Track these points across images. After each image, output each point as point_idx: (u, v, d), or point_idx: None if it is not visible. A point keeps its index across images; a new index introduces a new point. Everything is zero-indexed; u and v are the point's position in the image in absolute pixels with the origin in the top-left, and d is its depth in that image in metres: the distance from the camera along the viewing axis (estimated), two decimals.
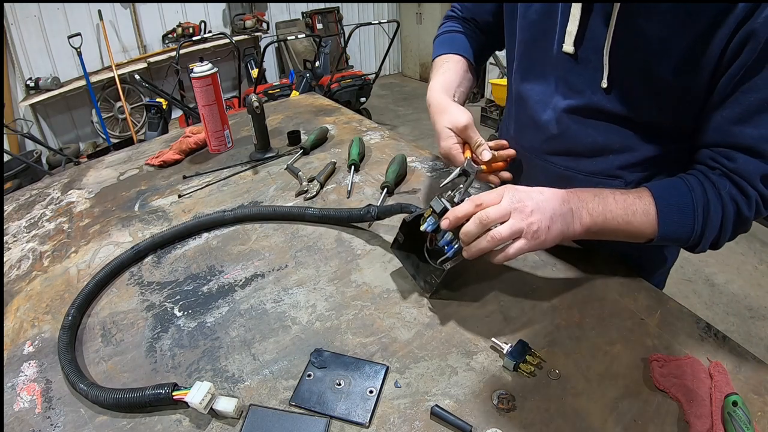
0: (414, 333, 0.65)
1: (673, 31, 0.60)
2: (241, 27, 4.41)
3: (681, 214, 0.64)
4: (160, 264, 0.82)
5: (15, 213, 1.02)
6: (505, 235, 0.59)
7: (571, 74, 0.73)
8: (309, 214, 0.88)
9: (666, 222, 0.64)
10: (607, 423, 0.53)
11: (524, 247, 0.61)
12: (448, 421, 0.53)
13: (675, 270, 2.58)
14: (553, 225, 0.62)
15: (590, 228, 0.64)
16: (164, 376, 0.61)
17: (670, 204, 0.64)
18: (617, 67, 0.67)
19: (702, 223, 0.63)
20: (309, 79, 3.95)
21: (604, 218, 0.64)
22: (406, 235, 0.74)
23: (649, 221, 0.64)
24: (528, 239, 0.61)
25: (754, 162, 0.61)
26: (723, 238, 0.65)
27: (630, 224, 0.64)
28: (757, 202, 0.62)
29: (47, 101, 3.64)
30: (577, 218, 0.64)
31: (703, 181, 0.64)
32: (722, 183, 0.63)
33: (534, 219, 0.61)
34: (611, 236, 0.67)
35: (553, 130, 0.78)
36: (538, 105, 0.79)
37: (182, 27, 4.10)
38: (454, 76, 0.89)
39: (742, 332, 2.06)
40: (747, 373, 0.58)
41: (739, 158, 0.62)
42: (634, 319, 0.66)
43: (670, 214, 0.64)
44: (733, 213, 0.63)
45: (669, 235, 0.64)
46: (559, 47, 0.72)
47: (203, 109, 1.14)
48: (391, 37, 3.88)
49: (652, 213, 0.64)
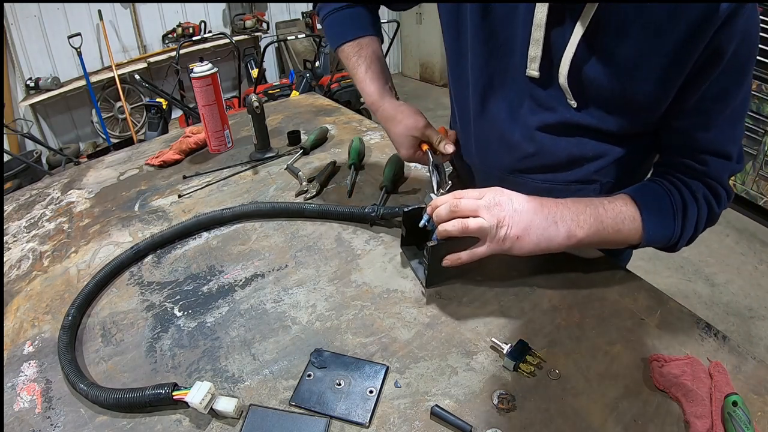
0: (414, 333, 0.65)
1: (643, 51, 0.60)
2: (241, 27, 4.40)
3: (663, 218, 0.66)
4: (160, 264, 0.82)
5: (15, 213, 1.02)
6: (472, 227, 0.61)
7: (538, 92, 0.70)
8: (309, 210, 0.89)
9: (650, 227, 0.65)
10: (607, 423, 0.53)
11: (484, 251, 0.63)
12: (448, 421, 0.53)
13: (675, 270, 2.58)
14: (526, 236, 0.61)
15: (582, 240, 0.64)
16: (164, 376, 0.61)
17: (652, 211, 0.66)
18: (587, 87, 0.66)
19: (681, 226, 0.66)
20: (309, 79, 3.94)
21: (596, 229, 0.64)
22: (413, 234, 0.76)
23: (635, 228, 0.65)
24: (490, 243, 0.62)
25: (722, 163, 0.66)
26: (695, 236, 0.68)
27: (620, 232, 0.65)
28: (725, 199, 0.68)
29: (47, 101, 3.63)
30: (564, 232, 0.63)
31: (679, 185, 0.67)
32: (696, 186, 0.67)
33: (504, 224, 0.61)
34: (599, 245, 0.69)
35: (528, 149, 0.75)
36: (505, 123, 0.75)
37: (182, 27, 4.09)
38: (378, 68, 0.83)
39: (742, 332, 2.05)
40: (747, 373, 0.58)
41: (709, 161, 0.66)
42: (634, 319, 0.66)
43: (654, 221, 0.65)
44: (706, 212, 0.67)
45: (653, 239, 0.67)
46: (522, 70, 0.69)
47: (203, 109, 1.14)
48: (391, 37, 3.87)
49: (638, 219, 0.65)
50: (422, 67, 5.64)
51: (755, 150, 2.59)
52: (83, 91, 3.71)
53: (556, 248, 0.64)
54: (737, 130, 0.65)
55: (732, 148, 0.65)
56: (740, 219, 2.78)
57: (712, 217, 0.68)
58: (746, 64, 0.60)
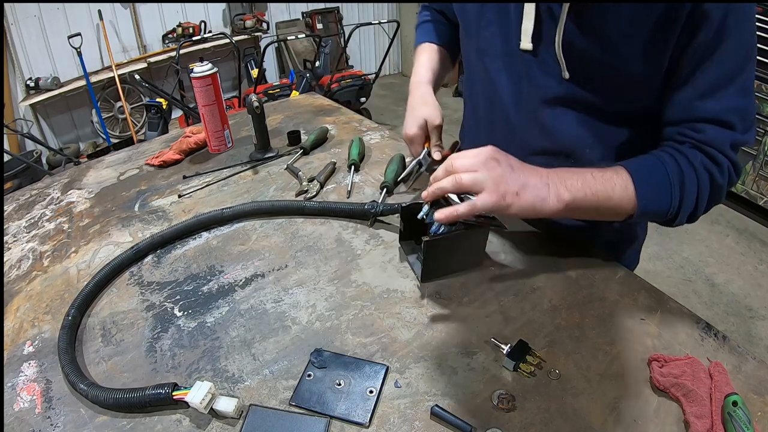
0: (414, 333, 0.65)
1: (632, 20, 0.61)
2: (241, 27, 4.40)
3: (658, 187, 0.64)
4: (160, 264, 0.82)
5: (15, 213, 1.02)
6: (465, 181, 0.59)
7: (533, 68, 0.73)
8: (309, 208, 0.90)
9: (645, 196, 0.63)
10: (607, 423, 0.53)
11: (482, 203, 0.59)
12: (448, 421, 0.53)
13: (675, 270, 2.58)
14: (524, 193, 0.60)
15: (570, 204, 0.63)
16: (164, 376, 0.61)
17: (646, 179, 0.64)
18: (577, 60, 0.67)
19: (679, 196, 0.64)
20: (309, 79, 3.94)
21: (584, 194, 0.63)
22: (411, 229, 0.77)
23: (628, 196, 0.64)
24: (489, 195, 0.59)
25: (722, 131, 0.63)
26: (699, 209, 0.66)
27: (610, 199, 0.64)
28: (728, 169, 0.64)
29: (47, 101, 3.63)
30: (553, 194, 0.62)
31: (675, 154, 0.65)
32: (693, 154, 0.64)
33: (503, 180, 0.60)
34: (592, 213, 0.67)
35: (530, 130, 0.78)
36: (509, 106, 0.79)
37: (182, 27, 4.09)
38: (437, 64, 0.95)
39: (742, 332, 2.05)
40: (747, 373, 0.58)
41: (707, 129, 0.63)
42: (634, 319, 0.66)
43: (648, 188, 0.64)
44: (707, 183, 0.64)
45: (649, 209, 0.64)
46: (517, 44, 0.72)
47: (203, 109, 1.14)
48: (391, 37, 3.87)
49: (630, 188, 0.64)
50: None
51: (755, 150, 2.59)
52: (83, 91, 3.71)
53: (549, 211, 0.62)
54: (741, 101, 0.62)
55: (734, 118, 0.62)
56: (740, 219, 2.79)
57: (715, 190, 0.65)
58: (740, 33, 0.58)
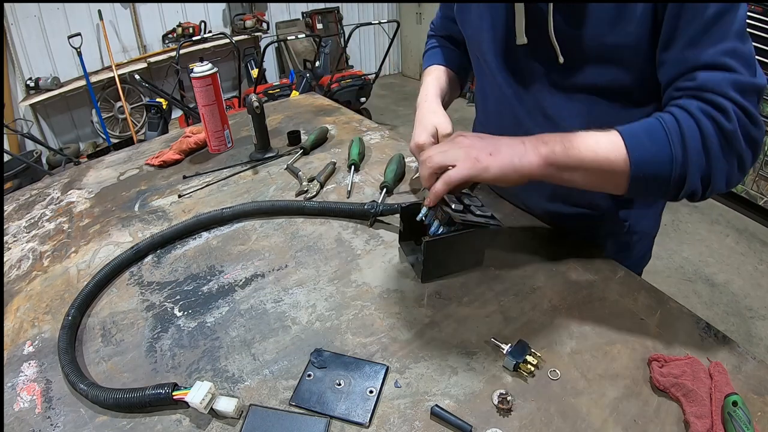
0: (414, 333, 0.65)
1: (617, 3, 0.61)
2: (241, 27, 4.41)
3: (651, 136, 0.58)
4: (160, 264, 0.82)
5: (15, 213, 1.02)
6: (437, 159, 0.62)
7: (531, 61, 0.74)
8: (309, 207, 0.90)
9: (636, 144, 0.58)
10: (607, 423, 0.53)
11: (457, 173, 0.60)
12: (448, 421, 0.53)
13: (675, 270, 2.58)
14: (497, 153, 0.60)
15: (549, 158, 0.60)
16: (164, 376, 0.61)
17: (636, 131, 0.59)
18: (570, 44, 0.67)
19: (680, 145, 0.57)
20: (309, 79, 3.94)
21: (563, 146, 0.60)
22: (411, 230, 0.77)
23: (615, 147, 0.59)
24: (463, 163, 0.60)
25: (719, 74, 0.57)
26: (715, 169, 0.57)
27: (596, 153, 0.59)
28: (736, 113, 0.56)
29: (47, 101, 3.63)
30: (531, 148, 0.60)
31: (669, 108, 0.60)
32: (689, 102, 0.58)
33: (474, 146, 0.61)
34: (581, 173, 0.61)
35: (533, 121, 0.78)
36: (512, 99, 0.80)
37: (182, 27, 4.10)
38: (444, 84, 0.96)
39: (742, 332, 2.05)
40: (747, 373, 0.58)
41: (700, 75, 0.58)
42: (634, 319, 0.66)
43: (639, 138, 0.59)
44: (713, 130, 0.56)
45: (644, 161, 0.58)
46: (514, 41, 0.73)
47: (203, 109, 1.14)
48: (391, 37, 3.87)
49: (617, 140, 0.59)
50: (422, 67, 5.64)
51: None
52: (83, 91, 3.71)
53: (528, 168, 0.60)
54: (735, 44, 0.57)
55: (730, 60, 0.56)
56: (740, 219, 2.79)
57: (726, 136, 0.56)
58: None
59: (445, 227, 0.70)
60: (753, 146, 0.58)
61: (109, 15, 3.82)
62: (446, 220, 0.69)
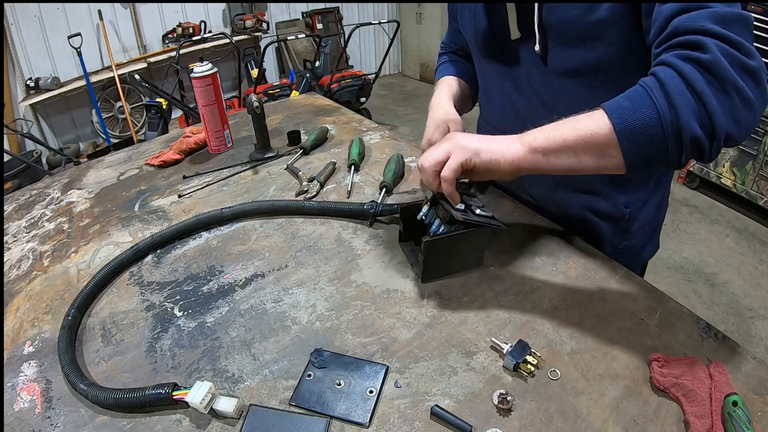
0: (414, 333, 0.65)
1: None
2: (241, 27, 4.41)
3: (631, 98, 0.56)
4: (160, 264, 0.82)
5: (15, 213, 1.02)
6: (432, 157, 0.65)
7: (526, 52, 0.78)
8: (308, 207, 0.90)
9: (617, 110, 0.56)
10: (607, 423, 0.53)
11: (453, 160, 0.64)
12: (448, 421, 0.53)
13: (675, 270, 2.57)
14: (487, 140, 0.65)
15: (533, 145, 0.62)
16: (164, 376, 0.61)
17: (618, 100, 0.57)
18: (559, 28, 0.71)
19: (662, 94, 0.53)
20: (309, 79, 3.94)
21: (544, 132, 0.62)
22: (411, 230, 0.78)
23: (598, 120, 0.57)
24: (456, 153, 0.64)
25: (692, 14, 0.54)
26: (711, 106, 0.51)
27: (577, 129, 0.58)
28: (715, 44, 0.52)
29: (47, 101, 3.63)
30: (516, 140, 0.64)
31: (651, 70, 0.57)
32: (665, 56, 0.55)
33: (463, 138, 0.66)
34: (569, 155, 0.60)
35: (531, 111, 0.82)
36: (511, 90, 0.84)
37: (182, 27, 4.10)
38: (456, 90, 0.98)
39: (742, 332, 2.05)
40: (747, 373, 0.58)
41: (675, 21, 0.56)
42: (634, 319, 0.66)
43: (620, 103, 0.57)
44: (692, 68, 0.52)
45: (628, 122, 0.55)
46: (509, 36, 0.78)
47: (203, 109, 1.14)
48: (391, 37, 3.87)
49: (599, 113, 0.57)
50: (422, 67, 5.63)
51: (755, 150, 2.59)
52: (83, 91, 3.71)
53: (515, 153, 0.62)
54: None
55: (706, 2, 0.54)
56: (740, 219, 2.79)
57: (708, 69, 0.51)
58: None
59: (446, 226, 0.70)
60: (753, 77, 0.52)
61: (109, 15, 3.82)
62: (447, 218, 0.69)
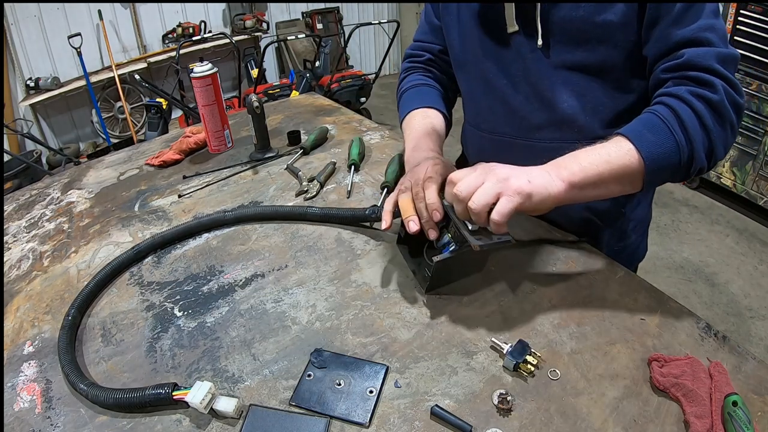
0: (414, 333, 0.65)
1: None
2: (241, 27, 4.41)
3: (654, 131, 0.62)
4: (160, 264, 0.82)
5: (15, 213, 1.02)
6: (480, 197, 0.57)
7: (524, 46, 0.76)
8: (311, 213, 0.89)
9: (643, 143, 0.61)
10: (607, 423, 0.53)
11: (508, 204, 0.57)
12: (448, 421, 0.53)
13: (675, 270, 2.57)
14: (534, 179, 0.60)
15: (572, 181, 0.62)
16: (164, 376, 0.61)
17: (639, 129, 0.63)
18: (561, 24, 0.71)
19: (681, 131, 0.61)
20: (309, 79, 3.94)
21: (580, 167, 0.62)
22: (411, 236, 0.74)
23: (626, 152, 0.62)
24: (509, 195, 0.58)
25: (701, 49, 0.63)
26: (715, 140, 0.62)
27: (610, 163, 0.62)
28: (721, 85, 0.62)
29: (47, 101, 3.63)
30: (555, 177, 0.62)
31: (661, 100, 0.65)
32: (678, 89, 0.64)
33: (510, 176, 0.59)
34: (601, 187, 0.64)
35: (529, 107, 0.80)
36: (507, 89, 0.81)
37: (182, 27, 4.10)
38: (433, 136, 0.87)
39: (742, 332, 2.05)
40: (747, 373, 0.58)
41: (686, 52, 0.64)
42: (634, 319, 0.66)
43: (643, 135, 0.62)
44: (704, 107, 0.61)
45: (655, 155, 0.61)
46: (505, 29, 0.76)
47: (203, 109, 1.14)
48: (391, 37, 3.87)
49: (625, 145, 0.62)
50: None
51: (755, 150, 2.59)
52: (83, 91, 3.72)
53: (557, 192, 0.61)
54: (712, 21, 0.64)
55: (709, 35, 0.63)
56: (740, 219, 2.79)
57: (716, 108, 0.62)
58: None
59: (456, 245, 0.66)
60: (738, 111, 0.64)
61: (109, 15, 3.82)
62: (459, 238, 0.65)
